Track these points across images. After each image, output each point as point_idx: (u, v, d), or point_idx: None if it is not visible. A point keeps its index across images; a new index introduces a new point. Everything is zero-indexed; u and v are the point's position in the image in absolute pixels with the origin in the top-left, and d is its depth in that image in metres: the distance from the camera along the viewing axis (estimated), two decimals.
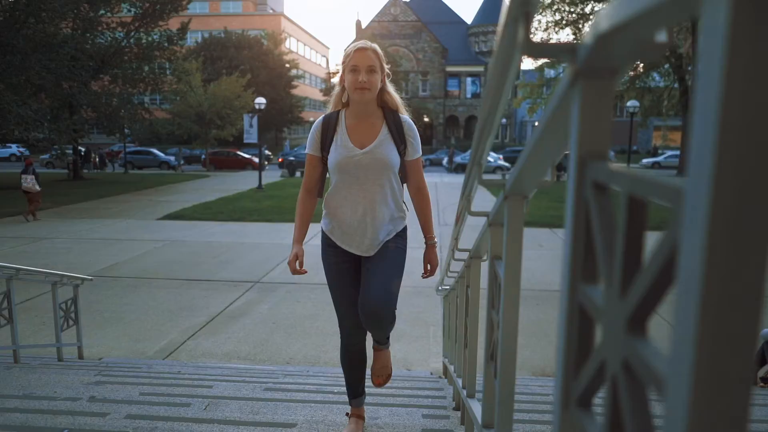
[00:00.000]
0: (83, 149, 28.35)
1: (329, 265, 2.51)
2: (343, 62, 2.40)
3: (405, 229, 2.55)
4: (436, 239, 2.67)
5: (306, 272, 2.50)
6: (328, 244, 2.51)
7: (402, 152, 2.45)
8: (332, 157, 2.40)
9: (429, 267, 2.63)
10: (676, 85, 29.03)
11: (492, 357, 1.34)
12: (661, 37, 0.47)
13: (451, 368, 3.61)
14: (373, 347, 2.68)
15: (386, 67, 2.45)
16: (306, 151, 2.54)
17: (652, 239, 0.43)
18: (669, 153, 39.00)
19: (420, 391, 3.45)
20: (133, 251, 9.92)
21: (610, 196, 0.52)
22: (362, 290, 2.39)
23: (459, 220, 2.09)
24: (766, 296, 0.32)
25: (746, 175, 0.29)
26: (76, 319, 5.05)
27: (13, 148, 38.22)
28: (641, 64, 30.97)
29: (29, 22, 18.36)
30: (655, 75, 30.49)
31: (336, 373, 4.16)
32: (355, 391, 2.62)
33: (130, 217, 14.24)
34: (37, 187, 13.49)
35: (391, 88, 2.49)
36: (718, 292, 0.30)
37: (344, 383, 2.67)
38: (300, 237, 2.53)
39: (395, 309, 2.43)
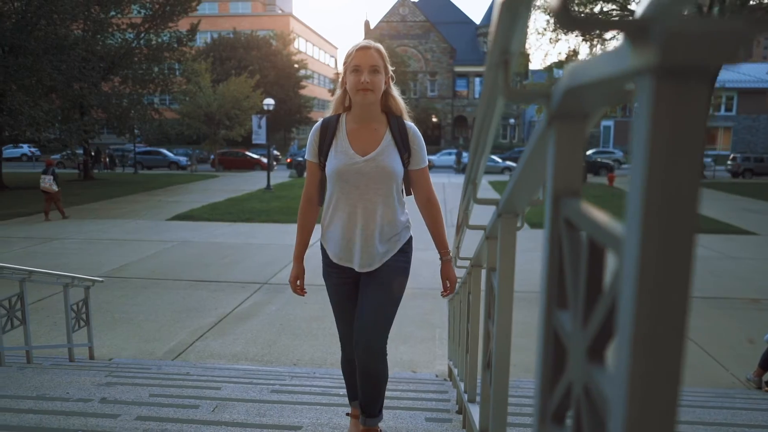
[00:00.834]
0: (93, 152, 28.61)
1: (330, 286, 2.43)
2: (345, 63, 2.26)
3: (410, 240, 2.42)
4: (451, 254, 2.48)
5: (306, 293, 2.49)
6: (328, 264, 2.41)
7: (405, 161, 2.31)
8: (331, 164, 2.27)
9: (448, 284, 2.46)
10: None
11: (488, 365, 1.39)
12: (630, 85, 0.52)
13: (455, 371, 3.66)
14: (361, 427, 2.46)
15: (390, 69, 2.31)
16: (305, 157, 2.42)
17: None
18: None
19: (424, 394, 3.50)
20: (143, 252, 10.03)
21: (579, 232, 0.57)
22: (356, 319, 2.30)
23: (459, 231, 2.14)
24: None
25: (668, 233, 0.34)
26: (87, 320, 5.14)
27: (25, 148, 38.57)
28: None
29: (40, 24, 18.55)
30: None
31: (341, 376, 4.22)
32: (355, 394, 2.57)
33: (140, 217, 14.37)
34: (55, 188, 13.70)
35: (395, 91, 2.37)
36: (646, 334, 0.35)
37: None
38: (301, 253, 2.46)
39: (386, 339, 2.34)
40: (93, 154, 28.55)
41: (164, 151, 34.99)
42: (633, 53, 0.33)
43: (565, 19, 0.34)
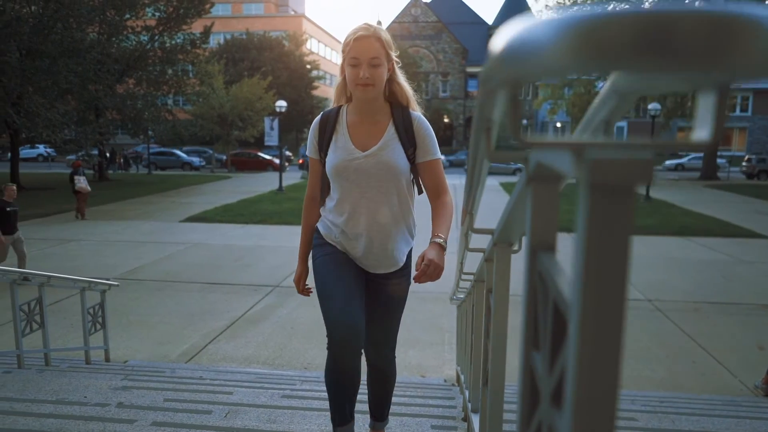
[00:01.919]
0: (108, 153, 28.97)
1: (324, 256, 2.16)
2: (343, 51, 2.05)
3: (410, 254, 2.29)
4: (444, 241, 2.11)
5: (311, 292, 2.29)
6: (322, 243, 2.20)
7: (411, 156, 2.10)
8: (330, 161, 2.11)
9: (429, 266, 1.96)
10: None
11: (486, 382, 1.46)
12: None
13: (462, 378, 3.72)
14: (370, 428, 2.52)
15: (394, 55, 2.08)
16: (306, 153, 2.27)
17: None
18: (693, 155, 38.49)
19: (431, 400, 3.57)
20: (157, 254, 10.17)
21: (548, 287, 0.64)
22: (368, 341, 2.23)
23: (462, 249, 2.20)
24: None
25: (601, 312, 0.41)
26: (103, 323, 5.26)
27: (41, 149, 39.09)
28: None
29: (57, 28, 18.83)
30: None
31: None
32: (342, 415, 2.19)
33: (154, 218, 14.56)
34: (88, 188, 14.27)
35: (401, 77, 2.14)
36: (585, 398, 0.42)
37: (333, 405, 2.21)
38: (305, 252, 2.32)
39: (394, 352, 2.37)
40: (108, 155, 28.89)
41: (177, 151, 35.34)
42: (574, 165, 0.40)
43: (522, 143, 0.41)
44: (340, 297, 2.06)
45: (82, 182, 14.07)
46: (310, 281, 2.25)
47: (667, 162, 38.13)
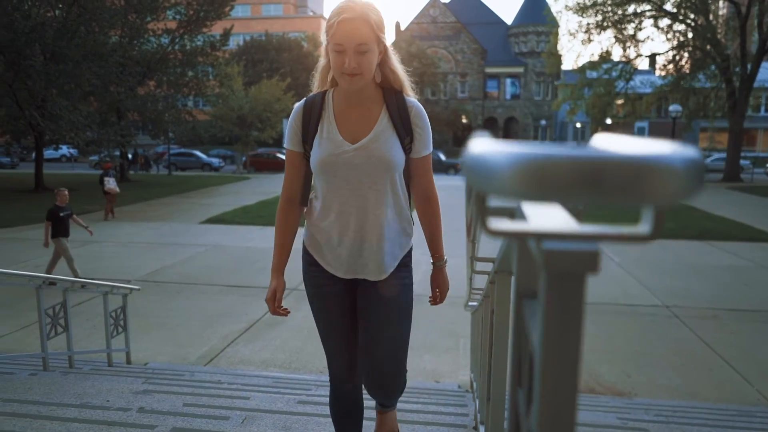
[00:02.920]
0: (131, 154, 29.44)
1: (313, 289, 2.06)
2: (327, 32, 1.80)
3: (410, 251, 2.07)
4: (445, 258, 2.13)
5: (288, 312, 2.10)
6: (310, 263, 2.04)
7: (407, 147, 1.90)
8: (315, 154, 1.88)
9: (438, 292, 2.12)
10: (723, 86, 28.38)
11: (489, 398, 1.51)
12: None
13: (475, 385, 3.77)
14: (377, 410, 2.33)
15: (384, 35, 1.83)
16: (284, 145, 1.98)
17: None
18: (716, 156, 37.96)
19: (444, 407, 3.62)
20: (177, 256, 10.34)
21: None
22: (365, 356, 1.99)
23: (469, 270, 2.24)
24: None
25: (557, 371, 0.47)
26: (125, 326, 5.39)
27: (64, 149, 39.86)
28: (686, 65, 30.38)
29: (80, 32, 19.21)
30: (701, 76, 29.77)
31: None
32: None
33: (174, 220, 14.77)
34: (117, 189, 14.71)
35: (395, 61, 1.91)
36: None
37: None
38: (280, 264, 2.07)
39: (406, 373, 2.09)
40: (130, 157, 29.35)
41: (197, 152, 35.78)
42: (535, 251, 0.46)
43: (488, 232, 0.47)
44: (336, 345, 2.08)
45: (111, 183, 14.46)
46: (288, 302, 2.17)
47: None
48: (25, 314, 6.65)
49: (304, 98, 1.98)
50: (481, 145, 0.41)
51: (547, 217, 0.47)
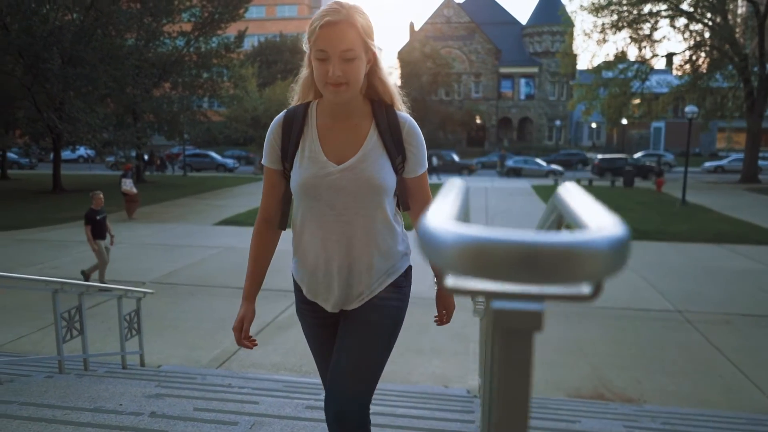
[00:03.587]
0: (147, 156, 29.79)
1: (305, 327, 1.91)
2: (308, 39, 1.61)
3: (408, 271, 1.85)
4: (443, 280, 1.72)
5: (255, 344, 1.86)
6: (301, 300, 1.87)
7: (399, 167, 1.73)
8: (296, 176, 1.70)
9: (445, 312, 2.00)
10: (741, 86, 28.06)
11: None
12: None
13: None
14: None
15: (373, 41, 1.64)
16: (263, 161, 1.80)
17: None
18: (733, 156, 37.52)
19: (450, 413, 3.65)
20: (191, 258, 10.46)
21: None
22: (329, 375, 1.74)
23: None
24: None
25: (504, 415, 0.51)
26: (139, 329, 5.48)
27: (81, 150, 40.39)
28: (704, 65, 30.07)
29: (97, 35, 19.48)
30: (718, 76, 29.44)
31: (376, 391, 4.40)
32: None
33: (188, 221, 14.93)
34: (135, 190, 14.88)
35: (383, 71, 1.74)
36: None
37: None
38: (251, 291, 1.88)
39: (368, 406, 1.75)
40: (146, 158, 29.69)
41: (212, 153, 36.10)
42: (487, 308, 0.50)
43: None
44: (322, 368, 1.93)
45: (127, 185, 14.68)
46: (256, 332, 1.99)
47: (707, 164, 37.23)
48: (43, 316, 6.78)
49: (285, 110, 1.79)
50: (437, 219, 0.44)
51: None
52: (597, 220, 0.44)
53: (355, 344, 1.74)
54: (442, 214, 0.46)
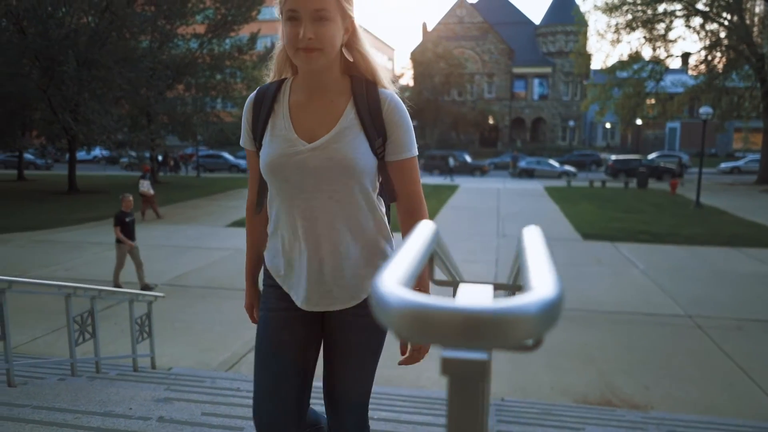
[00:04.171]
0: (161, 156, 30.09)
1: (266, 312, 1.69)
2: (280, 2, 1.49)
3: None
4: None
5: None
6: (269, 284, 1.71)
7: (379, 149, 1.56)
8: (264, 155, 1.58)
9: (409, 348, 1.67)
10: (758, 85, 27.73)
11: None
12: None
13: None
14: None
15: (350, 6, 1.51)
16: (241, 143, 1.70)
17: None
18: (750, 157, 37.08)
19: None
20: (203, 260, 10.57)
21: None
22: (324, 399, 1.70)
23: None
24: None
25: None
26: (150, 332, 5.56)
27: (97, 150, 40.85)
28: (720, 64, 29.75)
29: (111, 38, 19.72)
30: (734, 76, 29.12)
31: (378, 394, 4.44)
32: None
33: (201, 223, 15.07)
34: (151, 191, 15.08)
35: (365, 44, 1.59)
36: None
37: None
38: (253, 272, 1.84)
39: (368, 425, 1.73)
40: (160, 159, 29.99)
41: (225, 154, 36.31)
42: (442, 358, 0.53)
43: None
44: (268, 381, 1.63)
45: (144, 186, 14.87)
46: None
47: (723, 165, 36.84)
48: (57, 317, 6.88)
49: (258, 88, 1.68)
50: (389, 282, 0.48)
51: None
52: (537, 279, 0.48)
53: (347, 369, 1.67)
54: (396, 274, 0.49)
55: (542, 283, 0.46)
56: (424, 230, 0.62)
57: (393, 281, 0.47)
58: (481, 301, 0.42)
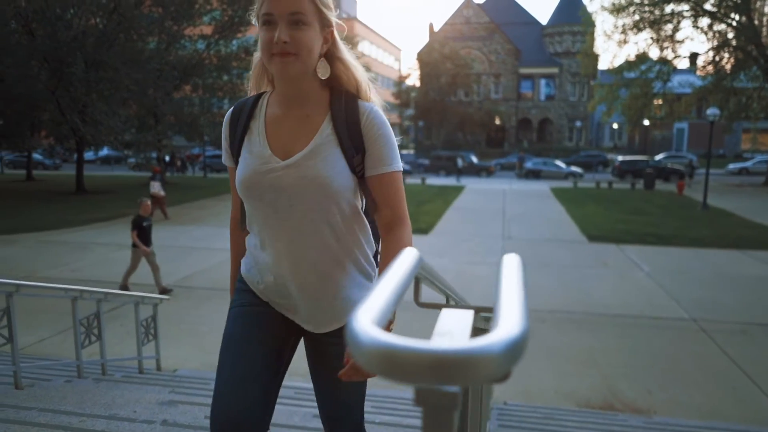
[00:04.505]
0: (168, 157, 30.24)
1: (236, 308, 1.60)
2: (257, 9, 1.43)
3: None
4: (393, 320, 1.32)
5: None
6: (242, 289, 1.62)
7: (358, 166, 1.47)
8: (238, 172, 1.51)
9: (350, 362, 1.32)
10: (766, 86, 27.57)
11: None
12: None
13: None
14: None
15: (332, 15, 1.46)
16: (223, 161, 1.65)
17: None
18: (759, 158, 36.87)
19: None
20: (208, 261, 10.62)
21: None
22: (322, 416, 1.66)
23: None
24: None
25: None
26: (155, 334, 5.61)
27: (105, 150, 41.03)
28: (728, 65, 29.59)
29: (119, 39, 19.85)
30: (742, 77, 28.96)
31: (380, 397, 4.47)
32: None
33: (207, 224, 15.14)
34: (162, 192, 15.14)
35: (347, 53, 1.52)
36: None
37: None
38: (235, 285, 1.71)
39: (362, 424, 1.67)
40: (168, 158, 30.13)
41: None
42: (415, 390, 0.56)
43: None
44: (233, 377, 1.48)
45: (155, 188, 14.97)
46: None
47: (731, 166, 36.63)
48: (64, 318, 6.94)
49: (236, 103, 1.62)
50: (363, 321, 0.50)
51: None
52: (505, 316, 0.50)
53: (336, 390, 1.57)
54: (371, 312, 0.52)
55: (508, 321, 0.48)
56: (404, 261, 0.65)
57: (367, 320, 0.49)
58: (448, 342, 0.44)
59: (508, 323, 0.48)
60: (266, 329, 1.57)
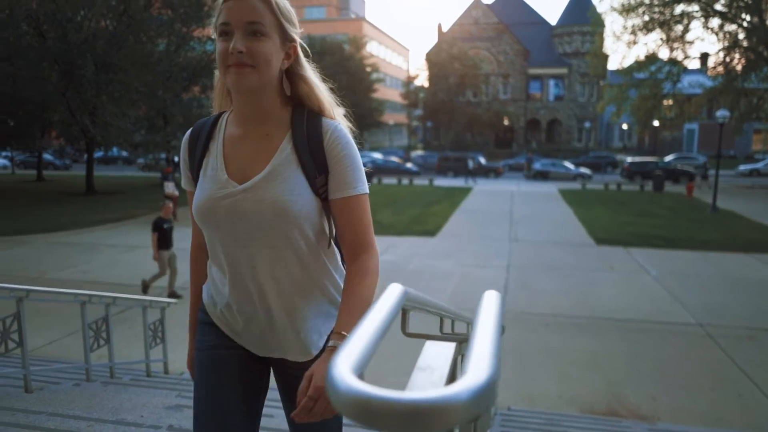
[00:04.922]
0: (177, 158, 30.42)
1: (202, 351, 1.49)
2: (215, 21, 1.37)
3: None
4: (341, 342, 1.22)
5: None
6: (204, 321, 1.52)
7: (321, 189, 1.37)
8: (195, 198, 1.42)
9: (308, 397, 1.20)
10: None
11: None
12: None
13: (493, 408, 3.85)
14: None
15: (295, 32, 1.39)
16: (182, 185, 1.54)
17: None
18: None
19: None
20: None
21: None
22: None
23: None
24: None
25: None
26: (163, 337, 5.67)
27: (115, 150, 41.32)
28: (738, 66, 29.38)
29: (129, 41, 20.01)
30: (753, 77, 28.74)
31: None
32: None
33: None
34: (176, 192, 15.22)
35: (309, 70, 1.44)
36: None
37: None
38: (197, 319, 1.58)
39: None
40: (176, 160, 30.29)
41: None
42: None
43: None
44: (207, 424, 1.43)
45: (170, 188, 15.12)
46: None
47: (741, 167, 36.35)
48: (73, 321, 7.02)
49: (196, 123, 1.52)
50: (341, 368, 0.53)
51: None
52: (474, 362, 0.53)
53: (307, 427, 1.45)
54: (350, 359, 0.55)
55: (477, 367, 0.52)
56: (386, 301, 0.67)
57: (345, 367, 0.52)
58: (418, 393, 0.48)
59: (477, 370, 0.51)
60: (237, 374, 1.48)
